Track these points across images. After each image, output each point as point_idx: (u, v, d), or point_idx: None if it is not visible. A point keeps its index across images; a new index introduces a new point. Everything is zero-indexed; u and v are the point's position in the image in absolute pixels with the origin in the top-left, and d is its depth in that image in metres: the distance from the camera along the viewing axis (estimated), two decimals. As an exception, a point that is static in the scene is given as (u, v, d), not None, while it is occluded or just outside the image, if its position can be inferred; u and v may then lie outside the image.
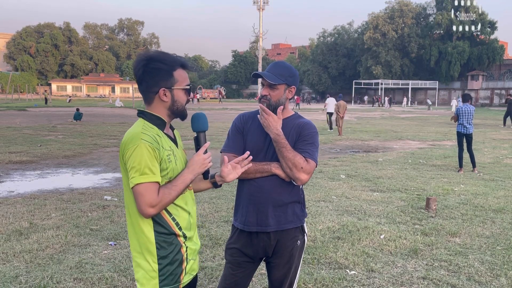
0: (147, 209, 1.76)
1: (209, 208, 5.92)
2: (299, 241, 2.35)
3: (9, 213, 5.63)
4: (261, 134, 2.28)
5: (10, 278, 3.66)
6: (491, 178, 8.56)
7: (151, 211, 1.77)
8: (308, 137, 2.27)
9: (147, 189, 1.75)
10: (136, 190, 1.76)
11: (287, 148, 2.20)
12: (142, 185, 1.75)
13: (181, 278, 1.89)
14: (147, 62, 1.85)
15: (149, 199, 1.75)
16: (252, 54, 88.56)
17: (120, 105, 44.15)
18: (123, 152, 1.81)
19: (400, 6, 67.14)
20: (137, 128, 1.83)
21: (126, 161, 1.79)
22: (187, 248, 1.91)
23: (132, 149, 1.76)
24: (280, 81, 2.24)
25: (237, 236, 2.36)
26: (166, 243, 1.85)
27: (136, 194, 1.76)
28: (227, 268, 2.39)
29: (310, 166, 2.22)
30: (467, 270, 3.99)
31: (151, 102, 1.90)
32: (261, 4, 74.28)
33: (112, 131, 17.61)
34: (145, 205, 1.75)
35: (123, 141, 1.84)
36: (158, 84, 1.86)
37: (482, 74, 64.30)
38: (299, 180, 2.21)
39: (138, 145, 1.76)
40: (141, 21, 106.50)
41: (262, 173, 2.24)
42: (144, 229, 1.83)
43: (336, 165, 9.91)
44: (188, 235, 1.92)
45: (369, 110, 46.01)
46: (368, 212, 5.87)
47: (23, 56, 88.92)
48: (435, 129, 20.92)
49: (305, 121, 2.34)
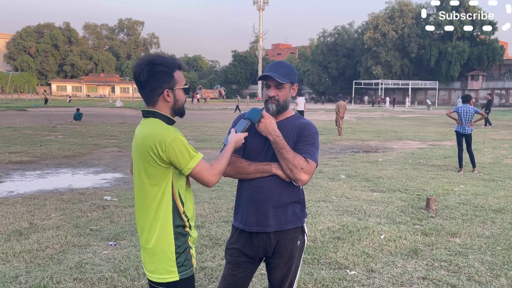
0: (212, 178, 2.01)
1: (209, 208, 5.91)
2: (299, 241, 2.35)
3: (9, 213, 5.63)
4: (261, 135, 2.28)
5: (10, 278, 3.66)
6: (491, 178, 8.56)
7: (216, 179, 2.03)
8: (308, 137, 2.27)
9: (203, 164, 1.99)
10: (197, 168, 1.96)
11: (287, 149, 2.20)
12: (198, 164, 1.97)
13: (192, 262, 2.08)
14: (151, 67, 1.96)
15: (209, 171, 2.00)
16: (252, 54, 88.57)
17: (121, 105, 44.15)
18: (161, 147, 1.91)
19: (400, 6, 67.13)
20: (161, 124, 1.98)
21: (170, 156, 1.92)
22: (190, 237, 2.08)
23: (173, 142, 1.91)
24: (287, 80, 2.27)
25: (237, 236, 2.36)
26: (180, 235, 2.02)
27: (199, 170, 1.97)
28: (227, 268, 2.39)
29: (311, 166, 2.22)
30: (467, 270, 3.99)
31: (155, 104, 2.02)
32: (261, 4, 74.40)
33: (112, 131, 17.61)
34: (210, 176, 2.00)
35: (155, 139, 1.92)
36: (162, 86, 1.99)
37: (482, 74, 64.28)
38: (300, 181, 2.21)
39: (175, 136, 1.92)
40: (141, 21, 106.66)
41: (262, 173, 2.24)
42: (167, 223, 1.99)
43: (336, 165, 9.91)
44: (192, 226, 2.11)
45: (369, 110, 46.02)
46: (368, 212, 5.87)
47: (23, 56, 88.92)
48: (435, 129, 20.92)
49: (305, 121, 2.34)
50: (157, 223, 1.99)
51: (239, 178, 2.32)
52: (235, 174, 2.29)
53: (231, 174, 2.29)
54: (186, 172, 1.97)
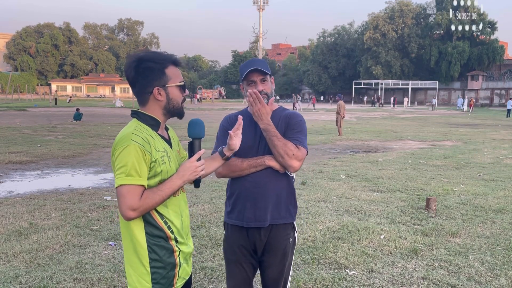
0: (127, 211, 1.72)
1: (209, 208, 5.91)
2: (291, 238, 2.38)
3: (9, 213, 5.63)
4: (251, 131, 2.32)
5: (10, 278, 3.66)
6: (491, 178, 8.55)
7: (131, 214, 1.73)
8: (296, 125, 2.33)
9: (130, 191, 1.71)
10: (119, 191, 1.72)
11: (278, 137, 2.25)
12: (126, 186, 1.71)
13: (175, 282, 1.86)
14: (138, 63, 1.83)
15: (130, 201, 1.71)
16: (252, 54, 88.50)
17: (120, 105, 44.11)
18: (113, 151, 1.79)
19: (400, 6, 67.13)
20: (129, 129, 1.80)
21: (114, 161, 1.76)
22: (180, 252, 1.87)
23: (121, 149, 1.73)
24: (270, 71, 2.36)
25: (232, 233, 2.37)
26: (157, 247, 1.81)
27: (119, 195, 1.73)
28: (229, 267, 2.40)
29: (302, 152, 2.27)
30: (467, 270, 3.99)
31: (145, 103, 1.87)
32: (261, 4, 74.27)
33: (112, 131, 17.61)
34: (126, 208, 1.72)
35: (115, 140, 1.81)
36: (152, 83, 1.83)
37: (482, 74, 64.26)
38: (291, 167, 2.25)
39: (127, 145, 1.73)
40: (141, 21, 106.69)
41: (256, 167, 2.27)
42: (136, 232, 1.80)
43: (336, 165, 9.91)
44: (180, 239, 1.88)
45: (369, 110, 46.01)
46: (368, 212, 5.87)
47: (23, 56, 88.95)
48: (435, 129, 20.92)
49: (290, 111, 2.44)
50: (128, 231, 1.82)
51: (233, 176, 2.33)
52: (229, 173, 2.30)
53: (226, 174, 2.31)
54: (115, 186, 1.75)
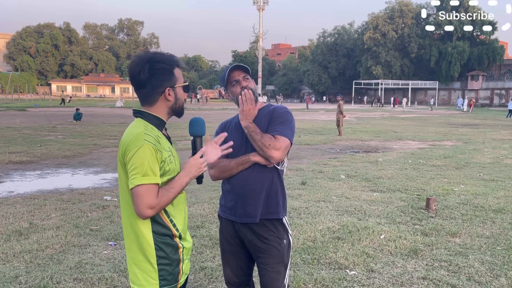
0: (146, 210, 1.75)
1: (209, 208, 5.91)
2: (285, 240, 2.41)
3: (9, 213, 5.63)
4: (239, 132, 2.38)
5: (10, 278, 3.66)
6: (491, 178, 8.55)
7: (149, 213, 1.77)
8: (277, 117, 2.37)
9: (148, 190, 1.74)
10: (137, 191, 1.74)
11: (256, 132, 2.31)
12: (144, 186, 1.74)
13: (179, 277, 1.91)
14: (152, 64, 1.84)
15: (148, 200, 1.74)
16: (252, 54, 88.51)
17: (121, 106, 44.05)
18: (124, 152, 1.79)
19: (400, 6, 67.13)
20: (139, 128, 1.81)
21: (128, 162, 1.77)
22: (183, 248, 1.92)
23: (135, 149, 1.75)
24: (250, 73, 2.44)
25: (225, 227, 2.46)
26: (164, 244, 1.85)
27: (136, 195, 1.75)
28: (225, 256, 2.51)
29: (279, 142, 2.28)
30: (467, 270, 3.98)
31: (153, 103, 1.89)
32: (261, 4, 74.20)
33: (112, 131, 17.61)
34: (144, 207, 1.75)
35: (124, 140, 1.81)
36: (163, 84, 1.87)
37: (482, 74, 64.27)
38: (272, 158, 2.28)
39: (142, 145, 1.75)
40: (141, 21, 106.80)
41: (244, 165, 2.33)
42: (143, 231, 1.83)
43: (336, 165, 9.91)
44: (183, 236, 1.94)
45: (369, 110, 46.00)
46: (368, 212, 5.87)
47: (23, 56, 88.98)
48: (435, 129, 20.92)
49: (275, 105, 2.47)
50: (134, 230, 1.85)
51: (226, 177, 2.39)
52: (220, 174, 2.38)
53: (218, 175, 2.39)
54: (129, 186, 1.77)
